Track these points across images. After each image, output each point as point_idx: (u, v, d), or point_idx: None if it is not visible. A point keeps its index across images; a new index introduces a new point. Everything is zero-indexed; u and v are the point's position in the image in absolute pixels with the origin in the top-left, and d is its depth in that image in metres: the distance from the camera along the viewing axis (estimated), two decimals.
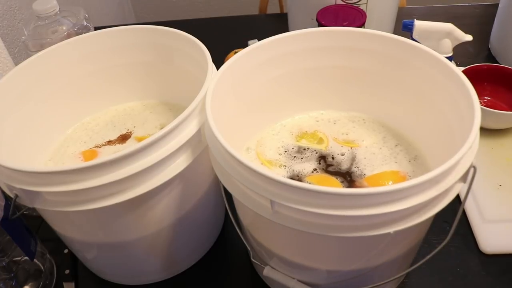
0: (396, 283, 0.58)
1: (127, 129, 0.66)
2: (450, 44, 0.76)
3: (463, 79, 0.47)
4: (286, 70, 0.59)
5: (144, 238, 0.54)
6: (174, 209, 0.53)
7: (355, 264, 0.49)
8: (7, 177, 0.45)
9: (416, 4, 1.16)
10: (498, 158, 0.71)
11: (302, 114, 0.65)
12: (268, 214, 0.41)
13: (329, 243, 0.46)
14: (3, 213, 0.50)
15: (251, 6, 1.63)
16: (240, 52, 0.54)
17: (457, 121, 0.48)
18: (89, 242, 0.55)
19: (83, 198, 0.44)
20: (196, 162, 0.49)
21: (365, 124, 0.63)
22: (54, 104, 0.62)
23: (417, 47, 0.53)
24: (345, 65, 0.59)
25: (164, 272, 0.62)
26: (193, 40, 0.57)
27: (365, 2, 0.85)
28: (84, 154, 0.62)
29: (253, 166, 0.39)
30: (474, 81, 0.49)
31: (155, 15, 2.03)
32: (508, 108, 0.77)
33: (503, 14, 0.91)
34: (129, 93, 0.69)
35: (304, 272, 0.51)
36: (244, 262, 0.63)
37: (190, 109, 0.47)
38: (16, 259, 0.57)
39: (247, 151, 0.60)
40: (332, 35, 0.57)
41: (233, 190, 0.44)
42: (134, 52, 0.65)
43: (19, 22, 0.95)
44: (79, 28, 0.77)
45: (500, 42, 0.93)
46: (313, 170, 0.57)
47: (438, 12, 1.11)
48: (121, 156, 0.43)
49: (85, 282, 0.63)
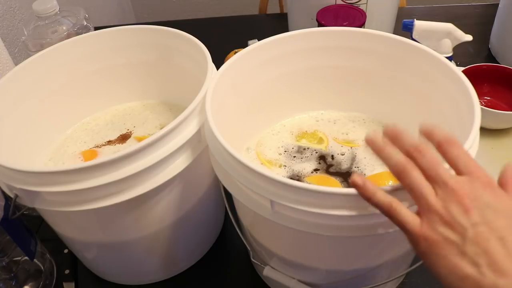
0: (396, 283, 0.58)
1: (127, 129, 0.66)
2: (450, 44, 0.76)
3: (463, 79, 0.47)
4: (286, 70, 0.59)
5: (144, 238, 0.54)
6: (174, 209, 0.53)
7: (355, 264, 0.49)
8: (7, 177, 0.45)
9: (416, 4, 1.15)
10: (498, 158, 0.71)
11: (302, 114, 0.65)
12: (268, 214, 0.41)
13: (329, 243, 0.46)
14: (3, 213, 0.50)
15: (251, 6, 1.62)
16: (240, 52, 0.54)
17: (457, 121, 0.48)
18: (89, 242, 0.55)
19: (83, 198, 0.44)
20: (196, 162, 0.49)
21: (365, 124, 0.63)
22: (54, 104, 0.62)
23: (417, 47, 0.53)
24: (345, 65, 0.59)
25: (164, 272, 0.62)
26: (193, 40, 0.57)
27: (365, 2, 0.85)
28: (84, 154, 0.62)
29: (253, 166, 0.39)
30: (474, 81, 0.49)
31: (155, 15, 2.02)
32: (508, 108, 0.77)
33: (503, 14, 0.91)
34: (129, 93, 0.69)
35: (304, 272, 0.51)
36: (244, 262, 0.63)
37: (190, 109, 0.47)
38: (16, 259, 0.57)
39: (247, 151, 0.60)
40: (332, 35, 0.57)
41: (233, 190, 0.44)
42: (134, 52, 0.65)
43: (19, 22, 0.95)
44: (79, 28, 0.77)
45: (500, 42, 0.93)
46: (313, 170, 0.57)
47: (438, 12, 1.11)
48: (121, 156, 0.43)
49: (85, 282, 0.63)
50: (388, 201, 0.34)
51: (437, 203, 0.33)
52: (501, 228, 0.31)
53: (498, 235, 0.31)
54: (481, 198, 0.32)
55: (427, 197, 0.33)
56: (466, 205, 0.32)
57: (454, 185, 0.33)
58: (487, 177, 0.34)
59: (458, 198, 0.32)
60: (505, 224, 0.31)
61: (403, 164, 0.34)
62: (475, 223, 0.31)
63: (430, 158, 0.34)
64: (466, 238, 0.31)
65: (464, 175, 0.34)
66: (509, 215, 0.32)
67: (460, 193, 0.32)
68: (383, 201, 0.34)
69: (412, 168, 0.34)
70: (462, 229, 0.31)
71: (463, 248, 0.31)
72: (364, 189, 0.35)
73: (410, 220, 0.34)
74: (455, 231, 0.32)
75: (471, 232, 0.31)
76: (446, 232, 0.32)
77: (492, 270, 0.30)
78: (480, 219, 0.31)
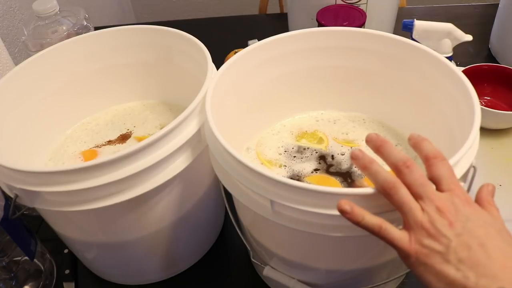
0: (396, 283, 0.58)
1: (127, 129, 0.66)
2: (450, 44, 0.76)
3: (463, 79, 0.47)
4: (286, 70, 0.59)
5: (144, 238, 0.54)
6: (174, 209, 0.53)
7: (355, 264, 0.49)
8: (7, 177, 0.45)
9: (416, 4, 1.15)
10: (498, 158, 0.71)
11: (302, 114, 0.65)
12: (268, 214, 0.41)
13: (329, 243, 0.46)
14: (3, 213, 0.50)
15: (251, 6, 1.62)
16: (240, 52, 0.54)
17: (457, 121, 0.48)
18: (89, 242, 0.55)
19: (83, 198, 0.44)
20: (196, 162, 0.49)
21: (365, 124, 0.63)
22: (54, 104, 0.62)
23: (417, 47, 0.53)
24: (345, 65, 0.59)
25: (164, 272, 0.62)
26: (193, 40, 0.57)
27: (365, 2, 0.85)
28: (84, 154, 0.62)
29: (253, 166, 0.39)
30: (474, 81, 0.49)
31: (155, 15, 2.02)
32: (508, 108, 0.77)
33: (503, 14, 0.91)
34: (129, 93, 0.69)
35: (304, 272, 0.51)
36: (244, 262, 0.63)
37: (190, 109, 0.47)
38: (16, 259, 0.57)
39: (247, 151, 0.60)
40: (332, 35, 0.57)
41: (233, 190, 0.44)
42: (134, 52, 0.65)
43: (19, 22, 0.95)
44: (79, 28, 0.77)
45: (500, 42, 0.93)
46: (313, 170, 0.57)
47: (438, 12, 1.11)
48: (121, 156, 0.43)
49: (85, 282, 0.63)
50: (377, 224, 0.37)
51: (424, 218, 0.35)
52: (481, 236, 0.34)
53: (479, 242, 0.34)
54: (462, 213, 0.35)
55: (415, 212, 0.36)
56: (449, 219, 0.35)
57: (438, 202, 0.36)
58: (466, 194, 0.37)
59: (443, 213, 0.35)
60: (484, 233, 0.35)
61: (392, 182, 0.36)
62: (458, 234, 0.34)
63: (418, 175, 0.37)
64: (450, 247, 0.34)
65: (446, 192, 0.37)
66: (486, 226, 0.35)
67: (444, 209, 0.35)
68: (372, 224, 0.37)
69: (400, 186, 0.36)
70: (447, 240, 0.34)
71: (448, 256, 0.34)
72: (353, 215, 0.36)
73: (399, 237, 0.36)
74: (440, 242, 0.35)
75: (455, 242, 0.34)
76: (432, 244, 0.35)
77: (474, 272, 0.33)
78: (462, 230, 0.35)
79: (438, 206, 0.35)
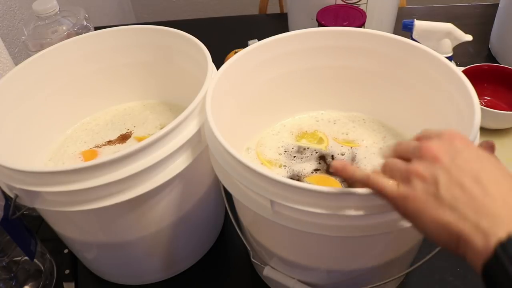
0: (396, 283, 0.58)
1: (127, 129, 0.66)
2: (450, 44, 0.76)
3: (463, 79, 0.47)
4: (286, 70, 0.59)
5: (144, 238, 0.54)
6: (174, 209, 0.53)
7: (355, 264, 0.49)
8: (7, 177, 0.45)
9: (416, 4, 1.15)
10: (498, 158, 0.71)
11: (302, 114, 0.65)
12: (268, 214, 0.41)
13: (329, 243, 0.46)
14: (3, 213, 0.50)
15: (251, 6, 1.62)
16: (240, 52, 0.54)
17: (457, 121, 0.48)
18: (89, 242, 0.55)
19: (83, 198, 0.44)
20: (196, 162, 0.49)
21: (365, 124, 0.63)
22: (54, 104, 0.62)
23: (417, 47, 0.53)
24: (345, 65, 0.59)
25: (164, 272, 0.62)
26: (193, 40, 0.57)
27: (365, 2, 0.85)
28: (84, 154, 0.62)
29: (253, 166, 0.39)
30: (474, 81, 0.49)
31: (155, 15, 2.02)
32: (508, 108, 0.77)
33: (503, 14, 0.91)
34: (129, 93, 0.69)
35: (304, 272, 0.51)
36: (244, 262, 0.63)
37: (190, 109, 0.47)
38: (16, 259, 0.57)
39: (247, 151, 0.60)
40: (332, 35, 0.57)
41: (233, 190, 0.44)
42: (134, 52, 0.65)
43: (19, 22, 0.95)
44: (79, 28, 0.77)
45: (500, 42, 0.93)
46: (313, 170, 0.57)
47: (438, 12, 1.11)
48: (121, 156, 0.43)
49: (85, 282, 0.63)
50: (366, 174, 0.36)
51: (412, 165, 0.33)
52: (475, 170, 0.31)
53: (472, 175, 0.30)
54: (451, 147, 0.32)
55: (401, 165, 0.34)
56: (435, 155, 0.32)
57: (425, 144, 0.33)
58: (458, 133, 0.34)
59: (429, 152, 0.32)
60: (479, 167, 0.31)
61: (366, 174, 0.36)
62: (446, 168, 0.31)
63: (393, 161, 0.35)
64: (439, 184, 0.30)
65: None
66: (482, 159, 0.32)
67: (430, 148, 0.32)
68: (361, 176, 0.36)
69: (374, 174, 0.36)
70: (433, 178, 0.31)
71: (439, 195, 0.30)
72: (345, 171, 0.37)
73: (387, 184, 0.34)
74: (428, 181, 0.31)
75: (443, 178, 0.31)
76: (420, 185, 0.32)
77: (471, 209, 0.29)
78: (450, 164, 0.31)
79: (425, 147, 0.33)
